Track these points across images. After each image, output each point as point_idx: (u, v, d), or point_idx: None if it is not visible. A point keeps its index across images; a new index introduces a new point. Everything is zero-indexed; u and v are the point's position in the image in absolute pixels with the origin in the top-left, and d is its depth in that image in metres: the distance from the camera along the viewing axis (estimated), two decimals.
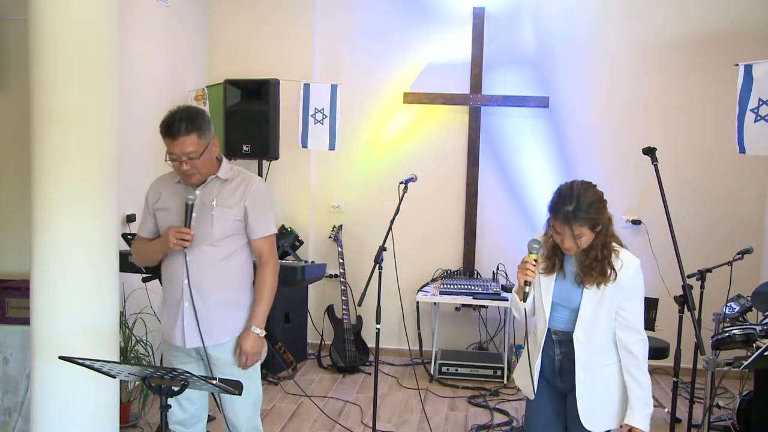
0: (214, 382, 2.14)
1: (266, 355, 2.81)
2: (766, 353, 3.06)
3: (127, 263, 3.45)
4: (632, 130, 5.19)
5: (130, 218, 4.35)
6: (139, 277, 3.61)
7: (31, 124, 2.85)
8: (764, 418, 3.62)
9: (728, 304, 3.82)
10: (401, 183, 3.53)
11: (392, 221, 3.42)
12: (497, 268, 5.32)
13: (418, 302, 5.27)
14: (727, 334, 3.52)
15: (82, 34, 2.83)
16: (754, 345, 3.46)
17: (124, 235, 3.37)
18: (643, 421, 2.41)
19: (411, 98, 5.37)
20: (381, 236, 3.40)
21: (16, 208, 3.78)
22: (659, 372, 5.03)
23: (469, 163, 5.38)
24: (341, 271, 5.26)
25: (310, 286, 5.47)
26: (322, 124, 5.10)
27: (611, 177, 5.09)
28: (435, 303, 5.24)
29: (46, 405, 2.89)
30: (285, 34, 5.54)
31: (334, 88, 5.10)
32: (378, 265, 3.34)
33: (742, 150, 4.29)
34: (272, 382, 4.77)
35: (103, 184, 2.92)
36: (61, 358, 2.23)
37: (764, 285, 3.90)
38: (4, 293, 3.71)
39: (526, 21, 5.31)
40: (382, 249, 3.33)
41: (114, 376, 2.33)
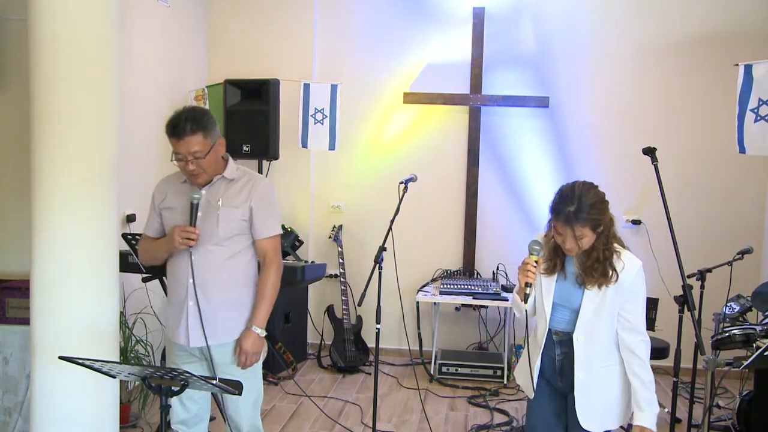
0: (214, 382, 2.14)
1: (266, 355, 2.81)
2: (766, 353, 3.05)
3: (127, 263, 3.46)
4: (632, 130, 5.19)
5: (130, 218, 4.35)
6: (139, 277, 3.61)
7: (31, 124, 2.85)
8: (764, 418, 3.62)
9: (728, 304, 3.82)
10: (401, 183, 3.53)
11: (392, 221, 3.42)
12: (497, 268, 5.33)
13: (418, 302, 5.26)
14: (727, 334, 3.52)
15: (82, 34, 2.83)
16: (754, 345, 3.46)
17: (124, 235, 3.37)
18: (653, 421, 2.40)
19: (411, 98, 5.37)
20: (381, 236, 3.40)
21: (16, 208, 3.78)
22: (659, 372, 5.00)
23: (469, 163, 5.38)
24: (341, 271, 5.26)
25: (310, 286, 5.47)
26: (322, 124, 5.10)
27: (611, 177, 5.09)
28: (435, 303, 5.24)
29: (46, 405, 2.89)
30: (285, 34, 5.54)
31: (334, 88, 5.10)
32: (378, 265, 3.33)
33: (742, 150, 4.29)
34: (272, 382, 4.77)
35: (103, 184, 2.92)
36: (61, 358, 2.23)
37: (764, 285, 3.90)
38: (4, 293, 3.71)
39: (526, 21, 5.31)
40: (382, 249, 3.33)
41: (114, 376, 2.33)
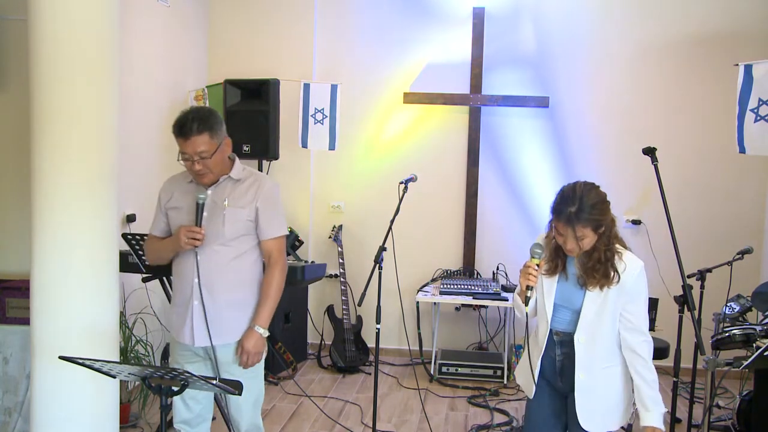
0: (214, 382, 2.14)
1: (266, 355, 2.81)
2: (766, 353, 3.06)
3: (127, 263, 3.45)
4: (632, 130, 5.19)
5: (130, 218, 4.35)
6: (139, 277, 3.61)
7: (31, 124, 2.85)
8: (764, 418, 3.62)
9: (728, 304, 3.82)
10: (401, 183, 3.53)
11: (392, 221, 3.42)
12: (497, 268, 5.33)
13: (418, 302, 5.26)
14: (727, 334, 3.52)
15: (83, 34, 2.83)
16: (754, 345, 3.45)
17: (124, 235, 3.36)
18: (660, 420, 2.40)
19: (411, 98, 5.37)
20: (381, 236, 3.40)
21: (16, 208, 3.78)
22: (659, 372, 4.89)
23: (469, 163, 5.38)
24: (341, 271, 5.26)
25: (310, 286, 5.47)
26: (322, 124, 5.10)
27: (611, 177, 5.08)
28: (435, 303, 5.24)
29: (46, 405, 2.89)
30: (285, 34, 5.54)
31: (334, 88, 5.10)
32: (378, 265, 3.33)
33: (742, 150, 4.29)
34: (272, 382, 4.77)
35: (103, 184, 2.93)
36: (61, 358, 2.23)
37: (764, 285, 3.90)
38: (4, 293, 3.71)
39: (526, 21, 5.31)
40: (382, 249, 3.33)
41: (114, 376, 2.33)
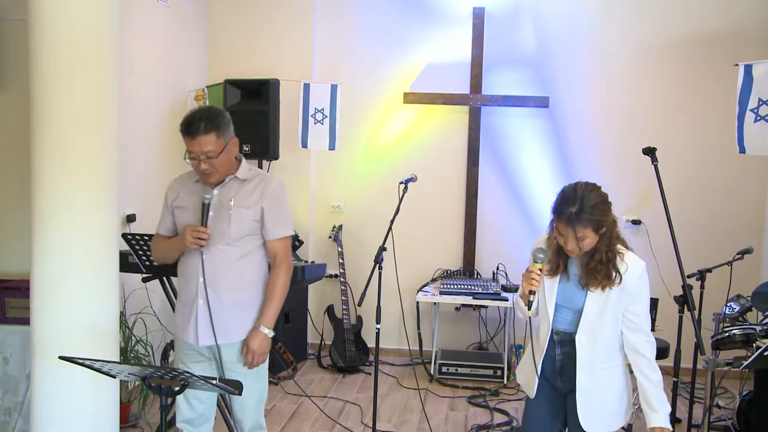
0: (213, 382, 2.14)
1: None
2: (766, 353, 3.06)
3: (127, 263, 3.45)
4: (632, 130, 5.19)
5: (130, 218, 4.35)
6: (139, 277, 3.60)
7: (31, 124, 2.85)
8: (764, 418, 3.62)
9: (728, 304, 3.82)
10: (401, 183, 3.53)
11: (392, 221, 3.42)
12: (497, 268, 5.32)
13: (418, 302, 5.26)
14: (727, 334, 3.52)
15: (83, 34, 2.83)
16: (754, 345, 3.45)
17: (124, 235, 3.36)
18: (667, 420, 2.40)
19: (411, 98, 5.37)
20: (381, 236, 3.40)
21: (16, 208, 3.78)
22: None
23: (469, 163, 5.38)
24: (341, 271, 5.26)
25: (310, 286, 5.47)
26: (322, 124, 5.10)
27: (611, 177, 5.08)
28: (435, 303, 5.24)
29: (46, 405, 2.89)
30: (285, 34, 5.53)
31: (334, 88, 5.10)
32: (378, 265, 3.34)
33: (742, 150, 4.29)
34: (272, 382, 4.77)
35: (103, 184, 2.92)
36: (61, 358, 2.23)
37: (764, 285, 3.90)
38: (4, 293, 3.71)
39: (526, 21, 5.31)
40: (382, 249, 3.33)
41: (114, 376, 2.33)
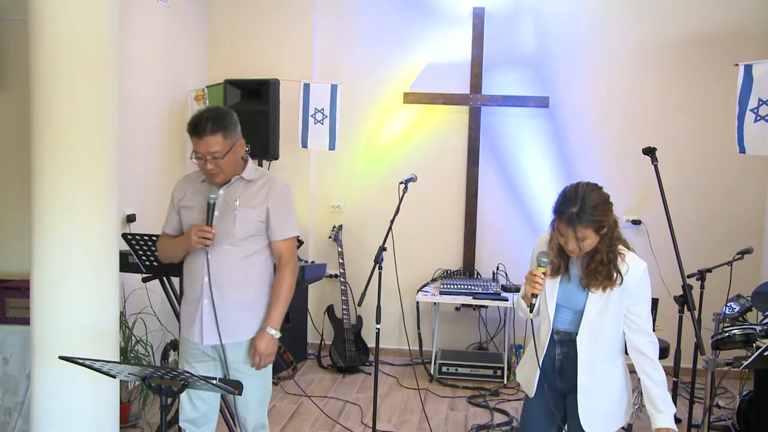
0: (213, 382, 2.14)
1: None
2: (766, 353, 3.06)
3: (127, 263, 3.45)
4: (632, 130, 5.19)
5: (130, 218, 4.35)
6: (139, 277, 3.61)
7: (31, 124, 2.85)
8: (764, 418, 3.62)
9: (728, 304, 3.82)
10: (401, 183, 3.53)
11: (392, 221, 3.42)
12: (497, 268, 5.32)
13: (418, 302, 5.26)
14: (727, 334, 3.52)
15: (82, 34, 2.83)
16: (754, 345, 3.45)
17: (124, 235, 3.36)
18: (672, 421, 2.39)
19: (411, 98, 5.37)
20: (381, 236, 3.40)
21: (16, 208, 3.78)
22: None
23: (469, 163, 5.38)
24: (341, 271, 5.26)
25: (310, 286, 5.47)
26: (322, 124, 5.10)
27: (611, 177, 5.07)
28: (435, 303, 5.24)
29: (46, 405, 2.89)
30: (285, 34, 5.53)
31: (334, 88, 5.10)
32: (378, 265, 3.34)
33: (742, 150, 4.29)
34: (272, 382, 4.75)
35: (103, 184, 2.93)
36: (61, 358, 2.24)
37: (764, 285, 3.90)
38: (4, 293, 3.71)
39: (526, 21, 5.31)
40: (382, 249, 3.33)
41: (114, 376, 2.34)
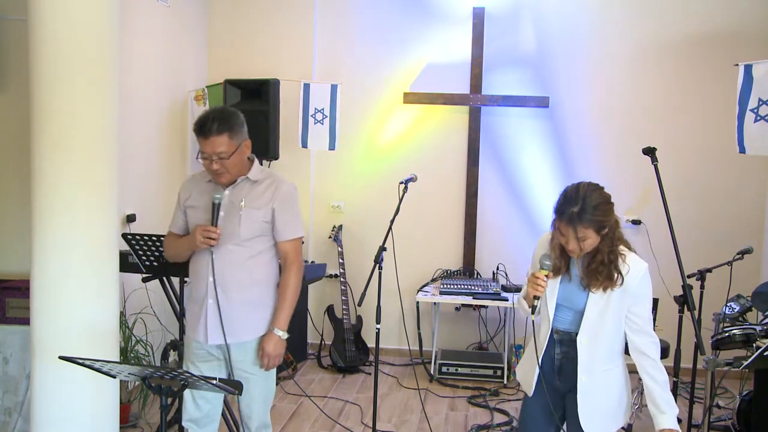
0: (213, 382, 2.14)
1: None
2: (766, 353, 3.06)
3: (127, 263, 3.45)
4: (632, 129, 5.19)
5: (130, 218, 4.35)
6: (139, 277, 3.60)
7: (31, 124, 2.85)
8: (764, 418, 3.62)
9: (728, 304, 3.82)
10: (401, 183, 3.53)
11: (392, 221, 3.42)
12: (497, 268, 5.32)
13: (418, 302, 5.26)
14: (727, 334, 3.52)
15: (82, 34, 2.83)
16: (754, 345, 3.46)
17: (124, 235, 3.36)
18: (675, 422, 2.38)
19: (411, 98, 5.37)
20: (381, 236, 3.41)
21: (16, 208, 3.78)
22: None
23: (469, 163, 5.38)
24: (341, 271, 5.26)
25: (310, 286, 5.47)
26: (322, 124, 5.10)
27: (611, 177, 5.06)
28: (435, 303, 5.24)
29: (46, 405, 2.89)
30: (285, 34, 5.53)
31: (334, 88, 5.09)
32: (378, 265, 3.34)
33: (742, 150, 4.29)
34: None
35: (103, 184, 2.93)
36: (61, 358, 2.24)
37: (764, 285, 3.90)
38: (4, 293, 3.71)
39: (526, 21, 5.31)
40: (382, 249, 3.33)
41: (114, 376, 2.34)
